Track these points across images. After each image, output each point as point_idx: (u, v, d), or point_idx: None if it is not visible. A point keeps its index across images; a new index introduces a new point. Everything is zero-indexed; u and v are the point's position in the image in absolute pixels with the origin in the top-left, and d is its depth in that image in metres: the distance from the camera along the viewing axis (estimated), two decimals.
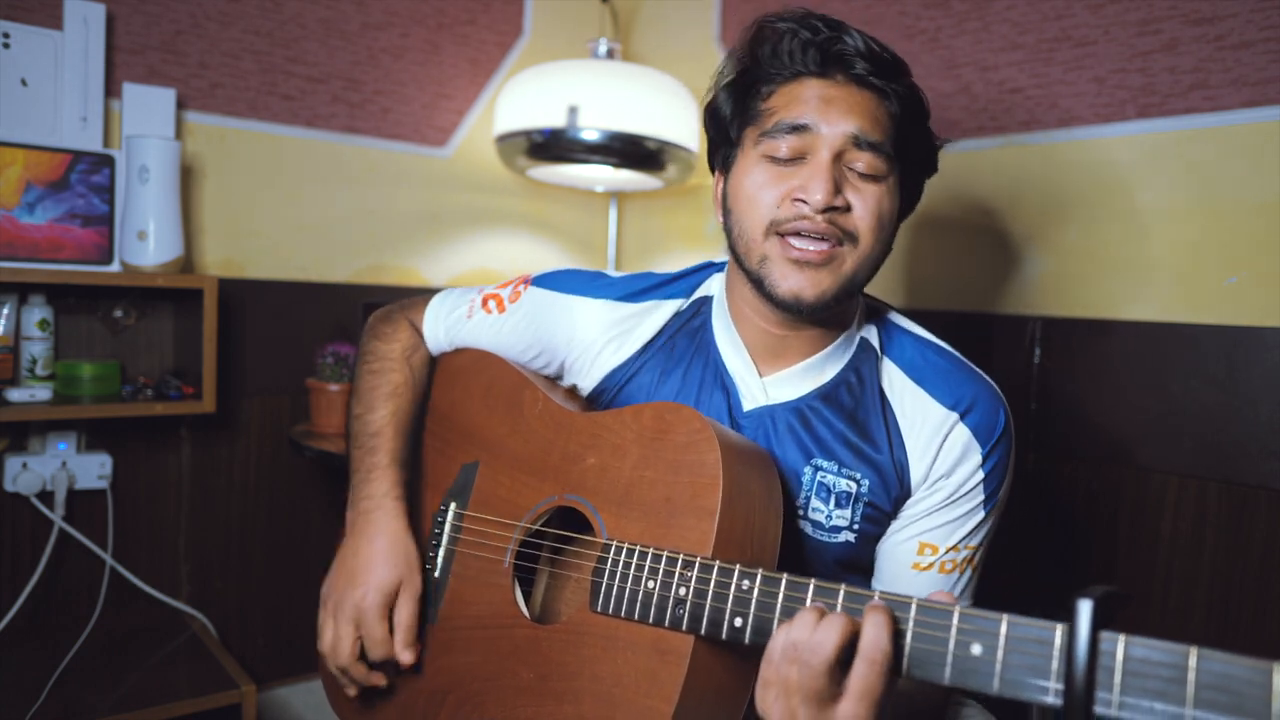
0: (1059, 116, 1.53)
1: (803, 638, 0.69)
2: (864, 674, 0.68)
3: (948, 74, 1.68)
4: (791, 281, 0.92)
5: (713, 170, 1.06)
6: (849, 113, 0.91)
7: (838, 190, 0.90)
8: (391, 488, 1.06)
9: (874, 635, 0.68)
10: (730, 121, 1.00)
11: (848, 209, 0.92)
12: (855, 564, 1.00)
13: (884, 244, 0.96)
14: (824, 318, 0.97)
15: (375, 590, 1.00)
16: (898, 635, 0.69)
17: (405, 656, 1.00)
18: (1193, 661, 0.58)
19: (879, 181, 0.93)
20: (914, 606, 0.70)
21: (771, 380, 1.01)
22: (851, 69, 0.93)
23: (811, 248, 0.91)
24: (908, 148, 0.97)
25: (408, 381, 1.15)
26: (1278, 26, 1.29)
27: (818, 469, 0.97)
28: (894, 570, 0.97)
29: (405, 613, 1.01)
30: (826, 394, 0.99)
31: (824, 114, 0.91)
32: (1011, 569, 1.57)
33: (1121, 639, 0.61)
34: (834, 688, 0.69)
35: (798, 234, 0.91)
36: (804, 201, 0.90)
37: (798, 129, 0.92)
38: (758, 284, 0.95)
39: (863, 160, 0.92)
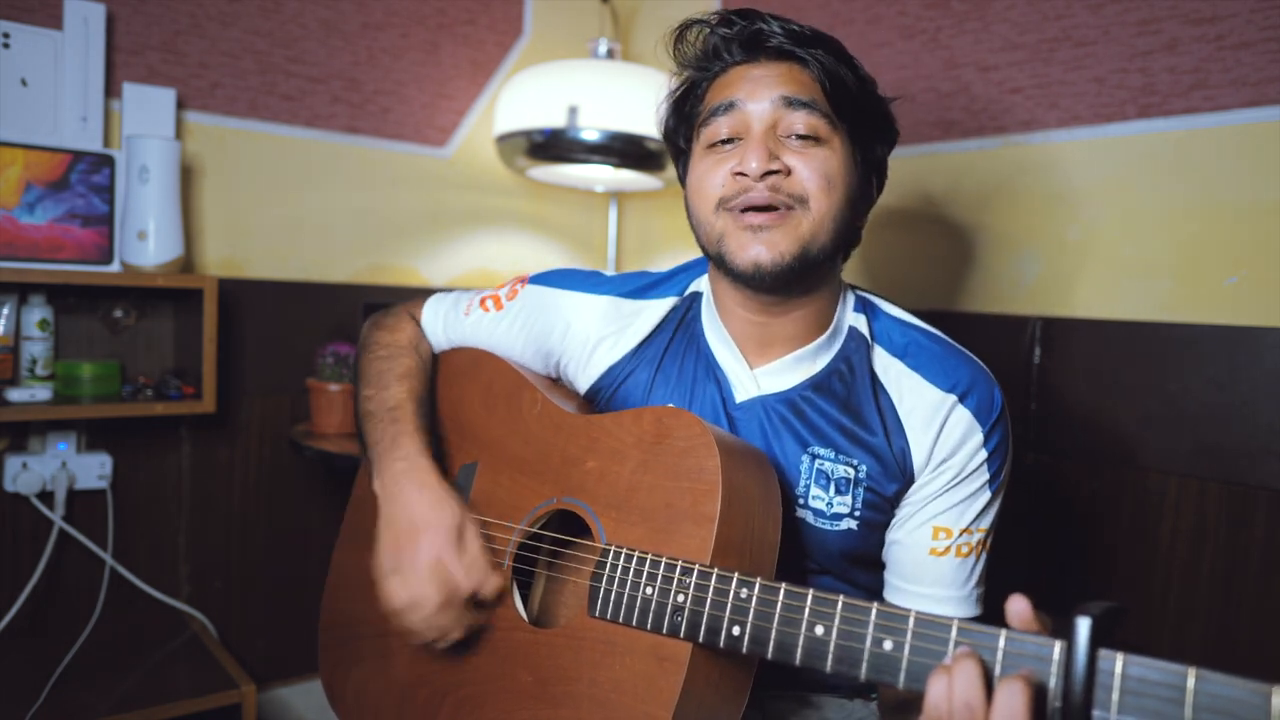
0: (1059, 116, 1.53)
1: (976, 699, 0.64)
2: None
3: (948, 74, 1.68)
4: (749, 250, 0.93)
5: (682, 185, 1.08)
6: (774, 84, 0.95)
7: (774, 156, 0.93)
8: (422, 448, 1.03)
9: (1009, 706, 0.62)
10: (678, 131, 1.05)
11: (789, 173, 0.93)
12: (860, 556, 1.00)
13: (839, 207, 0.95)
14: (796, 292, 0.97)
15: (447, 530, 0.95)
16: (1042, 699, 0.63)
17: (492, 583, 0.94)
18: (1191, 682, 0.58)
19: (820, 144, 0.94)
20: (912, 619, 0.70)
21: (762, 371, 1.01)
22: (769, 43, 0.96)
23: (761, 213, 0.93)
24: (848, 110, 0.96)
25: (419, 366, 1.15)
26: (1278, 26, 1.29)
27: (815, 457, 0.97)
28: (912, 558, 0.97)
29: (476, 545, 0.96)
30: (818, 383, 0.99)
31: (750, 91, 0.95)
32: (1011, 569, 1.57)
33: (1120, 657, 0.60)
34: None
35: (746, 208, 0.93)
36: (744, 174, 0.93)
37: (727, 108, 0.96)
38: (719, 262, 0.97)
39: (799, 120, 0.94)
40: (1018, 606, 0.67)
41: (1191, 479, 1.37)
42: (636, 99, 1.93)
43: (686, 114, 1.04)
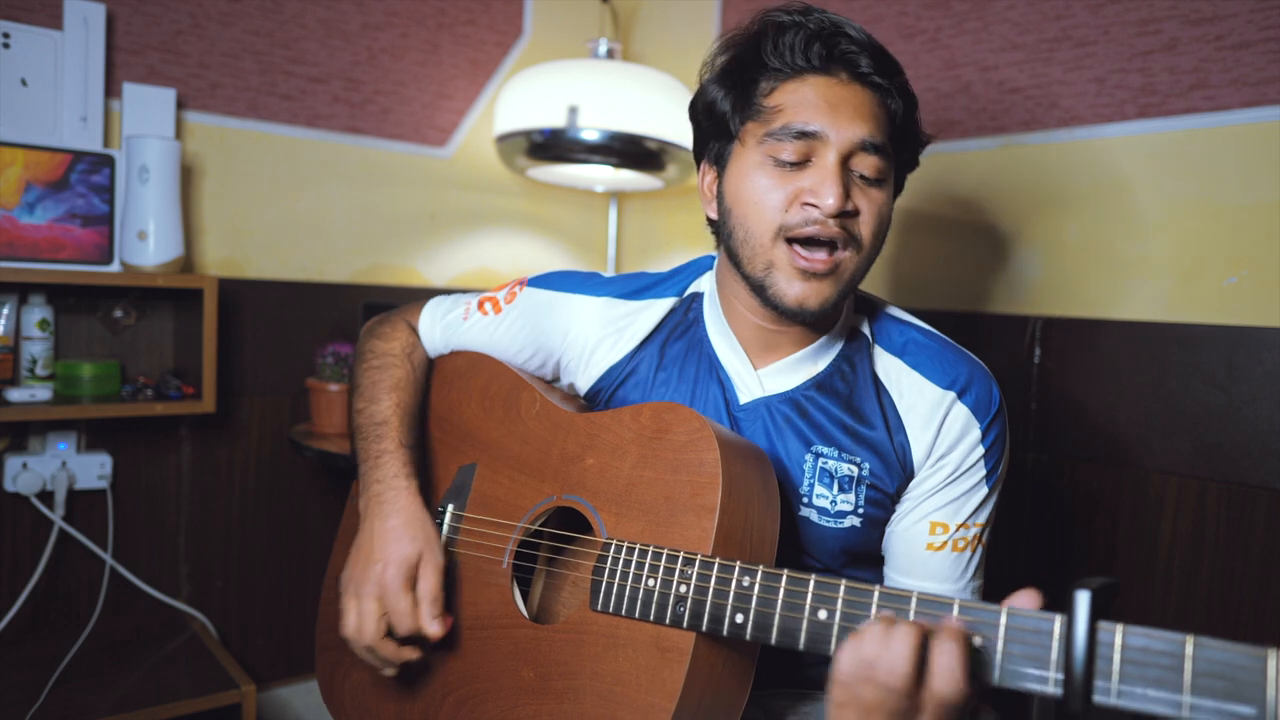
0: (1059, 116, 1.53)
1: (873, 654, 0.67)
2: (940, 687, 0.66)
3: (948, 74, 1.68)
4: (797, 290, 0.92)
5: (699, 161, 1.05)
6: (856, 116, 0.91)
7: (847, 194, 0.91)
8: (402, 467, 1.04)
9: (945, 664, 0.65)
10: (730, 115, 0.97)
11: (856, 214, 0.92)
12: (861, 552, 1.00)
13: (881, 244, 0.97)
14: (820, 319, 0.98)
15: (395, 563, 0.96)
16: (978, 662, 0.66)
17: (433, 628, 0.96)
18: (1189, 649, 0.59)
19: (882, 186, 0.94)
20: (914, 599, 0.71)
21: (766, 372, 1.01)
22: (856, 67, 0.92)
23: (820, 257, 0.91)
24: (904, 146, 0.97)
25: (410, 376, 1.15)
26: (1278, 26, 1.29)
27: (818, 455, 0.98)
28: (909, 553, 0.98)
29: (428, 584, 0.97)
30: (821, 383, 1.00)
31: (833, 118, 0.91)
32: (1012, 569, 1.57)
33: (1119, 628, 0.61)
34: (914, 704, 0.67)
35: (807, 241, 0.92)
36: (814, 206, 0.90)
37: (806, 135, 0.91)
38: (759, 289, 0.95)
39: (869, 164, 0.92)
40: (1023, 601, 0.68)
41: (1191, 479, 1.37)
42: (636, 99, 1.93)
43: (747, 104, 0.95)
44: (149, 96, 1.73)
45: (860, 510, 0.98)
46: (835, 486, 0.97)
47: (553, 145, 1.94)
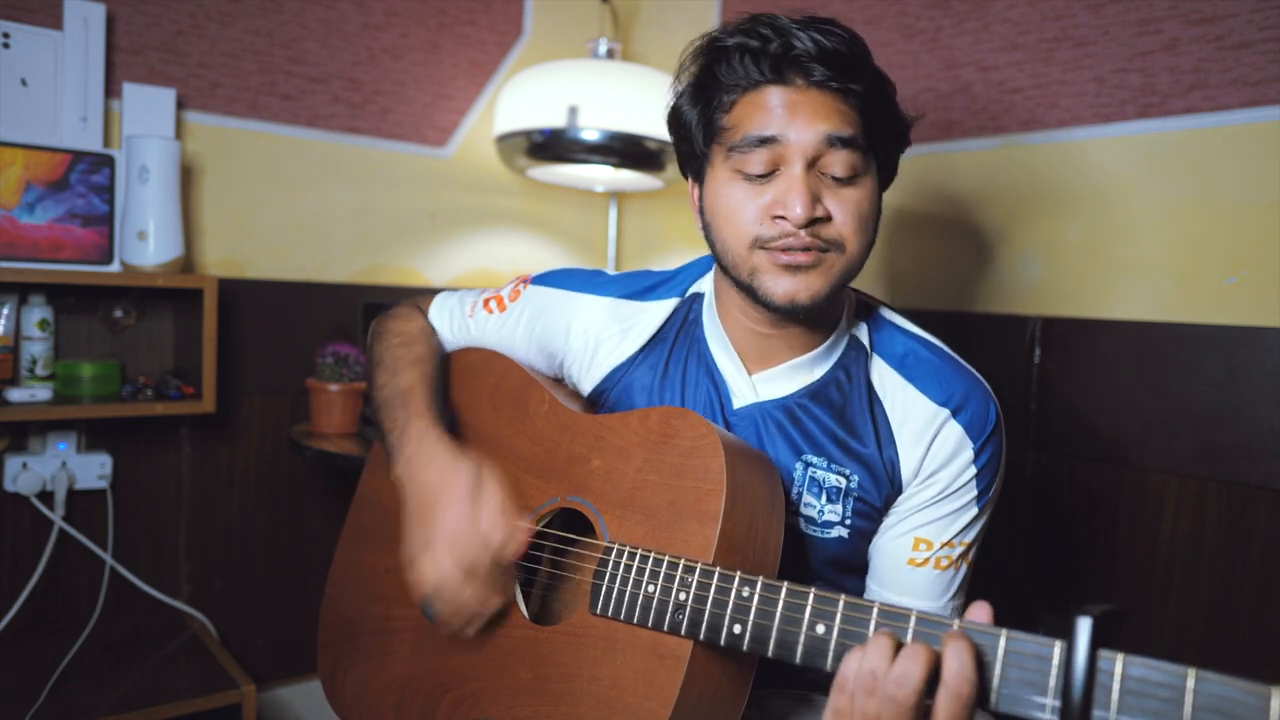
0: (1059, 116, 1.53)
1: (881, 667, 0.67)
2: (949, 707, 0.65)
3: (948, 74, 1.68)
4: (785, 285, 0.91)
5: (685, 176, 1.05)
6: (815, 117, 0.89)
7: (816, 200, 0.89)
8: (431, 424, 1.01)
9: (958, 666, 0.65)
10: (696, 135, 0.98)
11: (828, 219, 0.90)
12: (849, 563, 1.00)
13: (869, 242, 0.94)
14: (814, 316, 0.97)
15: (463, 490, 0.92)
16: (982, 666, 0.66)
17: (515, 541, 0.91)
18: (1191, 683, 0.58)
19: (856, 183, 0.91)
20: (913, 618, 0.70)
21: (760, 378, 1.01)
22: (810, 76, 0.90)
23: (800, 254, 0.90)
24: (880, 135, 0.94)
25: (431, 353, 1.15)
26: (1278, 26, 1.29)
27: (808, 465, 0.97)
28: (890, 566, 0.97)
29: (494, 500, 0.93)
30: (815, 392, 0.99)
31: (790, 123, 0.89)
32: (1011, 569, 1.57)
33: (1120, 657, 0.60)
34: (917, 716, 0.66)
35: (784, 249, 0.90)
36: (784, 218, 0.89)
37: (765, 141, 0.90)
38: (750, 293, 0.94)
39: (838, 161, 0.90)
40: (975, 614, 0.68)
41: (1191, 479, 1.37)
42: (636, 99, 1.93)
43: (710, 123, 0.95)
44: (149, 96, 1.73)
45: (847, 522, 0.97)
46: (824, 497, 0.97)
47: (553, 145, 1.94)
